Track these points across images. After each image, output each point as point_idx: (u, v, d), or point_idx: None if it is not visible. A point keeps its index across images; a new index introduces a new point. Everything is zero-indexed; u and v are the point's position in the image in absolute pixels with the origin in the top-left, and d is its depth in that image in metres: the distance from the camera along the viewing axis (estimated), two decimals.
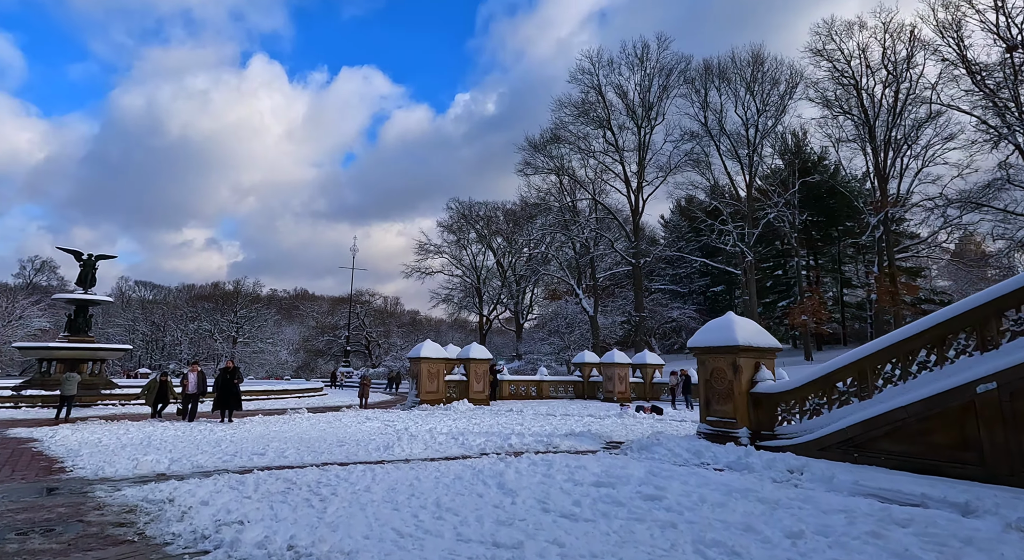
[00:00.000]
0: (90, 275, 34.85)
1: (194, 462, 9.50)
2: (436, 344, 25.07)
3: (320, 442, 12.08)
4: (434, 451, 10.99)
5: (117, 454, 10.22)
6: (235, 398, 16.88)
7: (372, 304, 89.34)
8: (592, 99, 50.14)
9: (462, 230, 71.51)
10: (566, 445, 11.87)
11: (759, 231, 45.89)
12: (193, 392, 17.03)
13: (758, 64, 45.46)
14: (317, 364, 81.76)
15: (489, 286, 73.59)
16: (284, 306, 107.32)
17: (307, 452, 10.64)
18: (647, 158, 49.10)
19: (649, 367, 30.43)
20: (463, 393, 24.74)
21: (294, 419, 17.40)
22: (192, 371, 17.55)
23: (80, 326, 34.09)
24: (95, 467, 8.94)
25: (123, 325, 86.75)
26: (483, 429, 14.86)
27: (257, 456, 10.13)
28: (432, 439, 12.52)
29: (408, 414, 19.87)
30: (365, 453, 10.63)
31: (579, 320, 59.18)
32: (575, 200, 55.53)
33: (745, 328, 12.22)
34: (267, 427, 15.06)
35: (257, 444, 11.65)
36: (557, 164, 52.57)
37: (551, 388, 29.94)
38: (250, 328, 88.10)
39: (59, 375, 27.59)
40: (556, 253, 60.59)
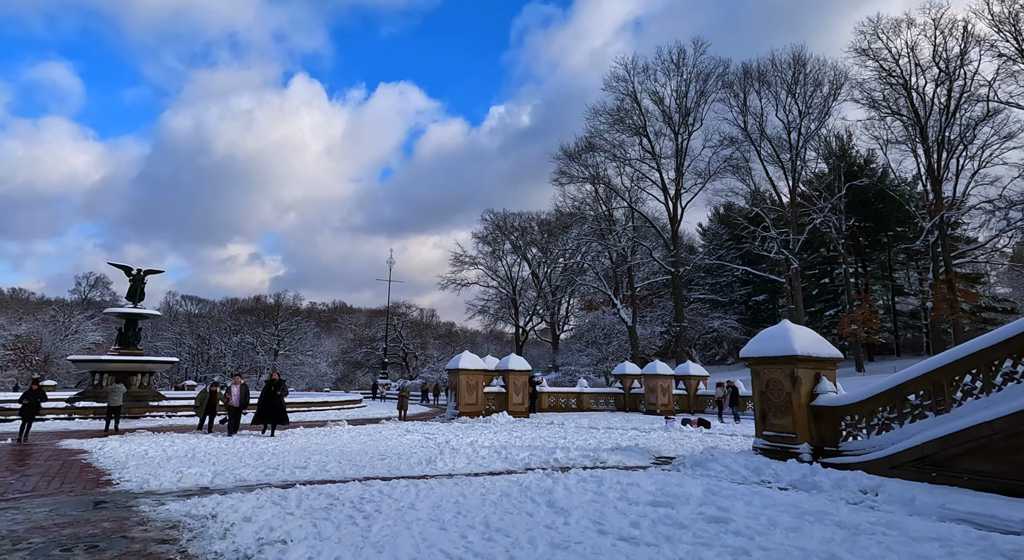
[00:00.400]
0: (139, 289, 36.01)
1: (237, 475, 9.38)
2: (474, 355, 24.81)
3: (361, 455, 11.88)
4: (477, 466, 10.65)
5: (162, 466, 10.21)
6: (279, 411, 16.47)
7: (409, 316, 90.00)
8: (627, 106, 49.64)
9: (497, 241, 71.57)
10: (614, 460, 11.36)
11: (804, 237, 44.33)
12: (236, 405, 16.82)
13: (800, 66, 44.23)
14: (356, 376, 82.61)
15: (524, 297, 73.28)
16: (323, 319, 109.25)
17: (349, 466, 10.43)
18: (685, 164, 48.21)
19: (693, 378, 29.48)
20: (502, 405, 24.36)
21: (335, 431, 17.32)
22: (235, 384, 17.34)
23: (130, 339, 35.18)
24: (140, 480, 8.91)
25: (171, 338, 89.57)
26: (525, 443, 14.45)
27: (299, 469, 9.97)
28: (474, 453, 12.18)
29: (448, 427, 19.60)
30: (407, 467, 10.36)
31: (617, 331, 58.22)
32: (611, 209, 54.88)
33: (803, 337, 11.54)
34: (308, 439, 14.98)
35: (299, 457, 11.52)
36: (592, 172, 52.11)
37: (591, 400, 29.28)
38: (291, 341, 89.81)
39: (109, 387, 28.45)
40: (592, 263, 59.93)
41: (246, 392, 17.21)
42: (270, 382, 17.23)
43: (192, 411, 25.66)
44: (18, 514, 6.87)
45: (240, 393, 16.91)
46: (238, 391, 16.91)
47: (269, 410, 16.37)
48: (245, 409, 17.33)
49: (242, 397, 16.93)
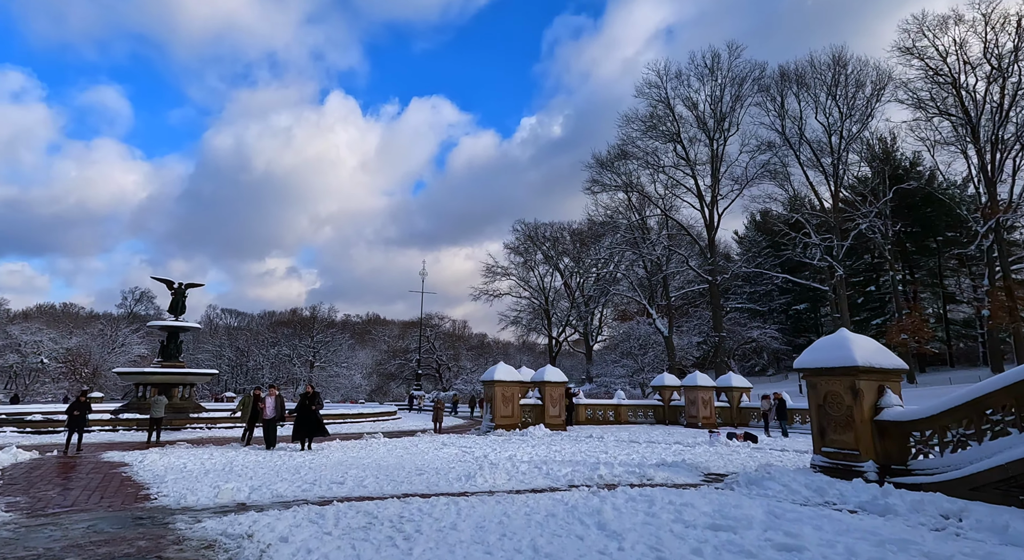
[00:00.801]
0: (180, 303, 36.79)
1: (274, 491, 9.17)
2: (509, 367, 24.41)
3: (398, 470, 11.58)
4: (518, 482, 10.22)
5: (200, 481, 10.09)
6: (317, 424, 15.85)
7: (441, 328, 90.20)
8: (660, 113, 48.93)
9: (529, 251, 71.28)
10: (661, 477, 10.79)
11: (849, 243, 42.71)
12: (271, 416, 16.37)
13: (840, 67, 42.89)
14: (390, 387, 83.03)
15: (557, 307, 72.67)
16: (357, 331, 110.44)
17: (386, 481, 10.13)
18: (721, 171, 47.13)
19: (735, 390, 28.44)
20: (539, 418, 23.86)
21: (370, 444, 17.11)
22: (270, 395, 16.85)
23: (171, 352, 35.90)
24: (178, 495, 8.77)
25: (211, 351, 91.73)
26: (566, 457, 13.95)
27: (336, 485, 9.71)
28: (514, 468, 11.75)
29: (484, 439, 19.21)
30: (446, 483, 10.00)
31: (652, 341, 57.08)
32: (644, 217, 54.04)
33: (863, 346, 10.80)
34: (345, 453, 14.78)
35: (335, 471, 11.28)
36: (625, 180, 51.41)
37: (629, 412, 28.50)
38: (326, 352, 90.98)
39: (152, 399, 29.00)
40: (626, 272, 59.03)
41: (281, 403, 16.79)
42: (305, 395, 16.57)
43: (231, 422, 25.91)
44: (56, 531, 6.75)
45: (275, 404, 16.53)
46: (273, 402, 16.52)
47: (306, 424, 15.82)
48: (282, 421, 17.01)
49: (278, 408, 16.53)
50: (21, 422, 23.32)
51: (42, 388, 67.96)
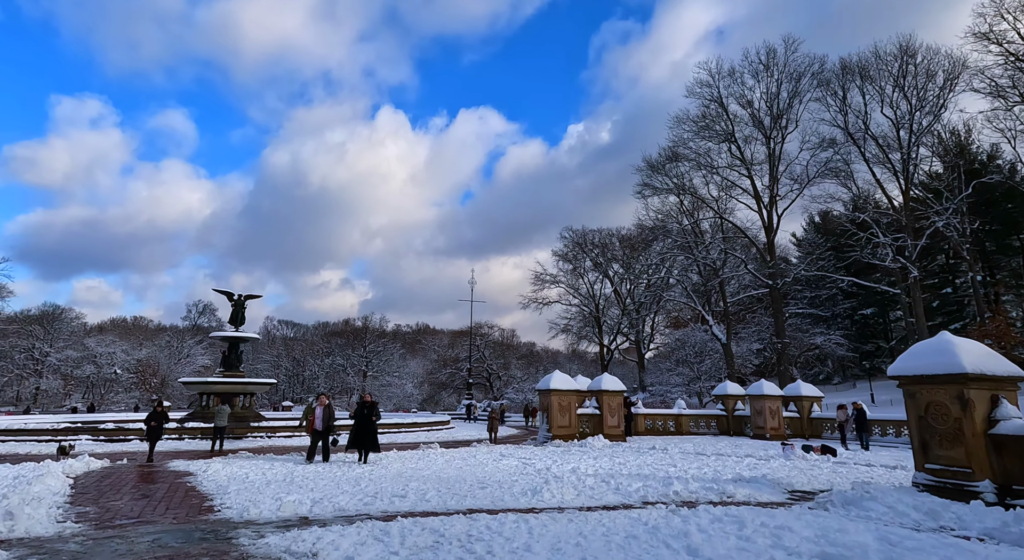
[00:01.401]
0: (240, 314, 37.82)
1: (336, 504, 8.87)
2: (565, 375, 23.77)
3: (460, 483, 11.15)
4: (588, 498, 9.59)
5: (262, 492, 9.92)
6: (372, 438, 14.95)
7: (490, 336, 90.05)
8: (713, 112, 47.37)
9: (578, 258, 70.32)
10: (742, 494, 9.95)
11: (923, 243, 40.01)
12: (320, 428, 15.21)
13: (908, 57, 40.40)
14: (441, 396, 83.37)
15: (608, 315, 71.35)
16: (407, 341, 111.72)
17: (449, 495, 9.70)
18: (779, 170, 45.15)
19: (805, 400, 26.82)
20: (597, 428, 23.07)
21: (428, 455, 16.78)
22: (320, 404, 15.65)
23: (232, 362, 36.87)
24: (241, 507, 8.58)
25: (269, 361, 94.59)
26: (632, 470, 13.21)
27: (398, 498, 9.34)
28: (580, 482, 11.13)
29: (543, 451, 18.62)
30: (512, 498, 9.48)
31: (709, 349, 55.17)
32: (698, 220, 52.36)
33: (972, 351, 9.69)
34: (403, 464, 14.47)
35: (396, 484, 10.95)
36: (677, 183, 49.95)
37: (691, 423, 27.29)
38: (378, 362, 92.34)
39: (215, 408, 29.81)
40: (680, 277, 57.34)
41: (331, 413, 15.59)
42: (363, 404, 15.54)
43: (290, 431, 26.22)
44: (121, 544, 6.60)
45: (325, 415, 15.40)
46: (322, 412, 15.41)
47: (364, 434, 14.97)
48: (332, 432, 15.92)
49: (327, 419, 15.45)
50: (95, 430, 24.23)
51: (115, 397, 71.58)
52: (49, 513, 7.85)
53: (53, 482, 10.21)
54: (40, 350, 70.29)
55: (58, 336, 73.70)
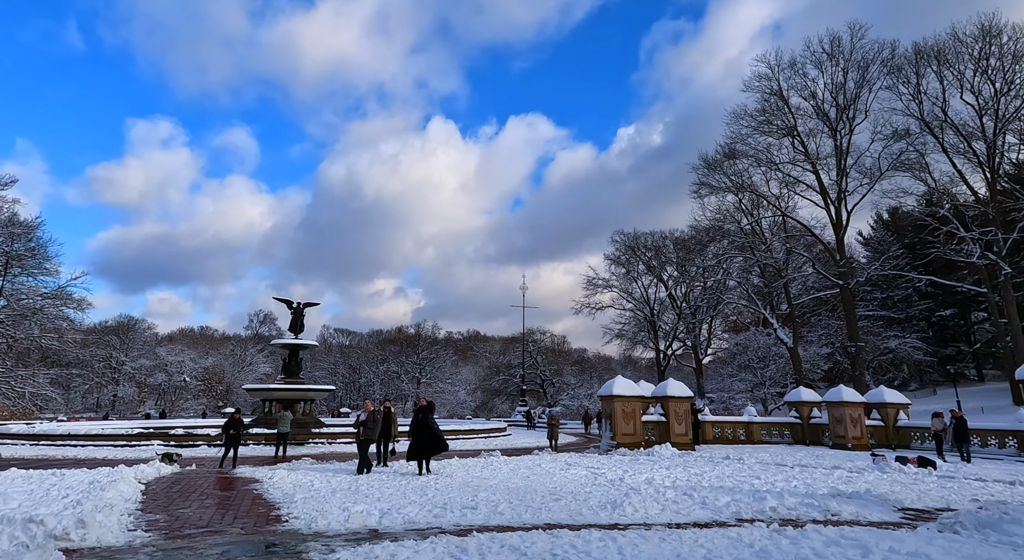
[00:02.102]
0: (299, 321, 38.54)
1: (405, 516, 8.41)
2: (628, 380, 22.83)
3: (531, 493, 10.53)
4: (674, 513, 8.78)
5: (328, 501, 9.59)
6: (436, 440, 13.63)
7: (542, 343, 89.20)
8: (773, 106, 45.29)
9: (630, 262, 68.76)
10: (849, 512, 8.91)
11: (1015, 237, 36.80)
12: (365, 437, 13.94)
13: (992, 37, 37.39)
14: (495, 403, 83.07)
15: (662, 319, 69.40)
16: (459, 347, 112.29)
17: (522, 507, 9.08)
18: (848, 163, 42.64)
19: (890, 407, 24.84)
20: (663, 436, 22.00)
21: (491, 463, 16.23)
22: (365, 410, 14.31)
23: (293, 369, 37.56)
24: (308, 517, 8.23)
25: (326, 368, 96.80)
26: (712, 482, 12.25)
27: (469, 510, 8.79)
28: (660, 495, 10.31)
29: (609, 459, 17.77)
30: (590, 512, 8.78)
31: (773, 353, 52.65)
32: (758, 219, 50.13)
33: None
34: (468, 473, 13.96)
35: (464, 494, 10.43)
36: (736, 181, 47.96)
37: (763, 431, 25.75)
38: (431, 369, 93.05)
39: (278, 414, 30.34)
40: (741, 279, 55.13)
41: (377, 419, 14.42)
42: (419, 409, 14.22)
43: (351, 437, 26.27)
44: (190, 556, 6.30)
45: (369, 420, 14.21)
46: (367, 419, 14.20)
47: (426, 441, 13.57)
48: (391, 439, 15.39)
49: (385, 425, 14.76)
50: (166, 435, 24.93)
51: (185, 404, 74.75)
52: (120, 521, 7.70)
53: (125, 488, 10.20)
54: (116, 359, 74.18)
55: (132, 346, 77.64)
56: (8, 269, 49.11)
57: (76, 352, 62.10)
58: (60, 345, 56.62)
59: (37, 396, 55.04)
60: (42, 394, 55.85)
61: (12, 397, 52.73)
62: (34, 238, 53.22)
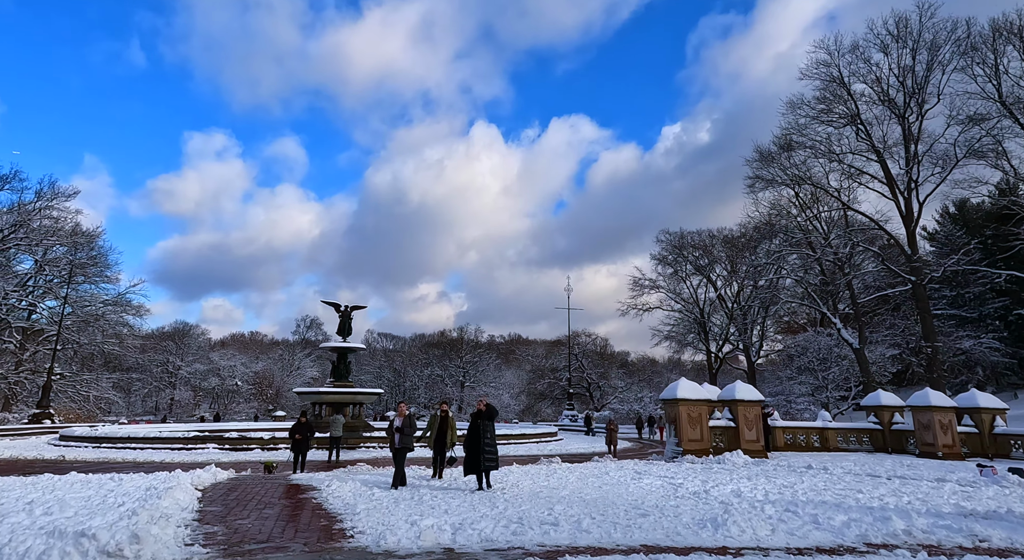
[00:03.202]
0: (347, 325, 38.45)
1: (480, 532, 7.53)
2: (693, 383, 21.49)
3: (610, 506, 9.51)
4: (787, 534, 7.63)
5: (392, 513, 8.82)
6: (490, 454, 11.59)
7: (587, 345, 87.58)
8: (833, 93, 42.88)
9: (677, 262, 66.69)
10: (999, 537, 7.57)
11: None
12: (400, 445, 12.18)
13: None
14: (540, 407, 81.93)
15: (712, 320, 67.04)
16: (501, 351, 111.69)
17: (607, 523, 8.08)
18: (919, 151, 39.87)
19: (984, 412, 22.64)
20: (732, 442, 20.56)
21: (555, 471, 15.24)
22: (399, 415, 12.52)
23: (342, 372, 37.44)
24: (376, 532, 7.45)
25: (371, 372, 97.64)
26: (809, 496, 10.95)
27: (551, 527, 7.85)
28: (757, 510, 9.15)
29: (678, 467, 16.54)
30: (688, 531, 7.72)
31: (835, 354, 49.90)
32: (819, 213, 47.62)
33: None
34: (533, 481, 13.02)
35: (537, 506, 9.50)
36: (793, 174, 45.65)
37: (839, 438, 23.88)
38: (475, 372, 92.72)
39: (328, 417, 30.14)
40: (801, 277, 52.54)
41: (411, 424, 12.56)
42: (478, 414, 11.89)
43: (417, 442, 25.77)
44: None
45: (405, 426, 12.37)
46: (401, 423, 12.33)
47: (483, 453, 11.47)
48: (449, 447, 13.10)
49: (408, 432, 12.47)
50: (221, 439, 24.91)
51: (237, 407, 76.45)
52: (176, 534, 7.09)
53: (182, 496, 9.69)
54: (173, 364, 76.51)
55: (187, 351, 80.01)
56: (72, 277, 51.06)
57: (136, 357, 64.24)
58: (121, 350, 58.66)
59: (101, 399, 57.09)
60: (105, 397, 57.93)
61: (78, 400, 54.81)
62: (96, 247, 55.41)
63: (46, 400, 47.19)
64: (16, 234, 47.48)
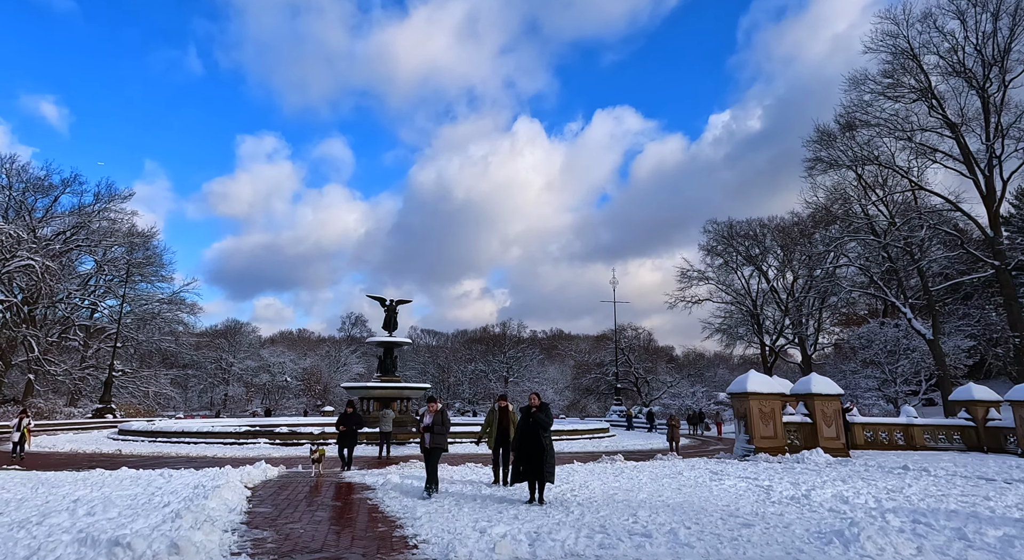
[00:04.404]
0: (393, 319, 38.08)
1: (561, 543, 6.48)
2: (764, 376, 19.93)
3: (702, 514, 8.32)
4: (938, 554, 6.25)
5: (457, 518, 7.88)
6: (546, 459, 9.34)
7: (634, 340, 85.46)
8: (902, 66, 39.89)
9: (727, 252, 64.06)
10: None
11: None
12: (431, 445, 10.20)
13: None
14: (586, 402, 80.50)
15: (765, 313, 64.17)
16: (544, 346, 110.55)
17: (708, 535, 6.91)
18: (1003, 125, 36.63)
19: None
20: (809, 439, 18.93)
21: (621, 470, 14.07)
22: (429, 411, 10.53)
23: (388, 367, 37.09)
24: (441, 541, 6.51)
25: (416, 368, 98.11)
26: (928, 503, 9.46)
27: (641, 538, 6.72)
28: (880, 521, 7.80)
29: (756, 467, 15.12)
30: (810, 546, 6.46)
31: (904, 346, 46.85)
32: (884, 196, 44.56)
33: None
34: (601, 481, 11.89)
35: (618, 511, 8.40)
36: (857, 154, 42.79)
37: (926, 435, 21.81)
38: (518, 368, 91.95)
39: (376, 412, 29.73)
40: (863, 265, 49.50)
41: (445, 423, 10.52)
42: (530, 409, 9.83)
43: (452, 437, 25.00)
44: None
45: (436, 423, 10.36)
46: (432, 421, 10.34)
47: (538, 457, 9.28)
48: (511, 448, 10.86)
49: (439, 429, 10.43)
50: (271, 434, 24.71)
51: (287, 403, 77.91)
52: (222, 542, 6.30)
53: (230, 495, 9.01)
54: (226, 361, 78.48)
55: (239, 348, 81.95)
56: (129, 277, 52.62)
57: (191, 354, 66.04)
58: (176, 347, 60.37)
59: (159, 395, 58.89)
60: (164, 393, 59.72)
61: (138, 396, 56.64)
62: (151, 247, 57.03)
63: (108, 395, 48.82)
64: (78, 236, 49.14)
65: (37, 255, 40.63)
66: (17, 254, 39.86)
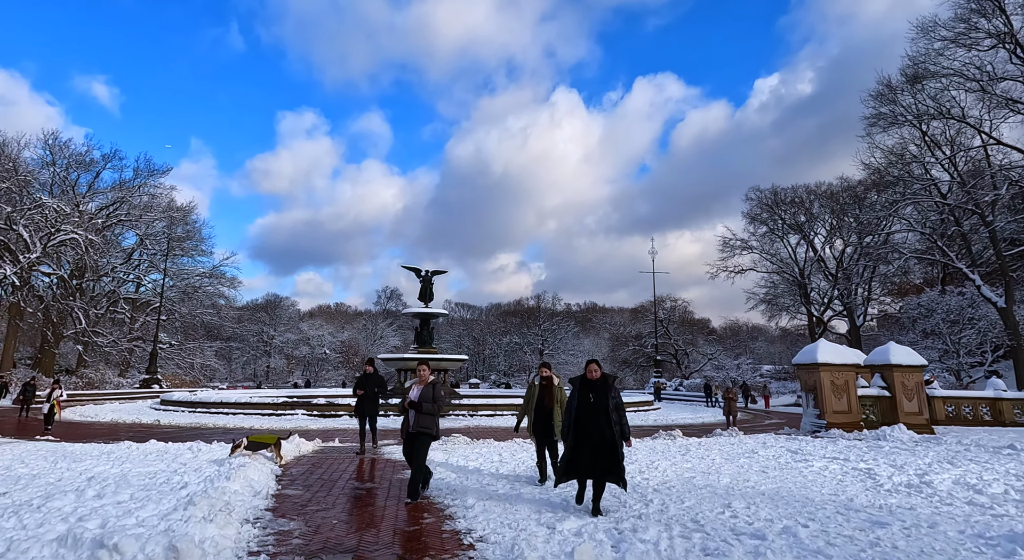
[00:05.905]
0: (428, 290, 37.15)
1: (656, 545, 5.16)
2: (834, 345, 18.16)
3: (809, 505, 6.90)
4: None
5: (516, 508, 6.64)
6: (614, 454, 6.47)
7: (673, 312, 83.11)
8: (978, 7, 36.14)
9: (772, 220, 60.92)
10: None
11: None
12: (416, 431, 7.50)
13: None
14: (623, 375, 79.07)
15: (812, 282, 61.13)
16: (579, 319, 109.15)
17: (836, 536, 5.49)
18: None
19: None
20: (887, 414, 17.17)
21: (687, 448, 12.66)
22: (420, 382, 7.80)
23: (425, 338, 36.33)
24: (503, 540, 5.26)
25: (451, 340, 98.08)
26: None
27: (754, 541, 5.34)
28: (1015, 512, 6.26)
29: (836, 445, 13.52)
30: (981, 556, 5.01)
31: (967, 315, 43.89)
32: (954, 153, 41.04)
33: None
34: (671, 462, 10.50)
35: (707, 501, 7.04)
36: (924, 108, 39.34)
37: (1015, 409, 19.78)
38: (553, 340, 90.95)
39: None
40: (929, 232, 46.16)
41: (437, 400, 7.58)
42: (590, 382, 6.72)
43: (492, 409, 24.04)
44: None
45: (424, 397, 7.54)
46: (419, 395, 7.54)
47: (602, 449, 6.48)
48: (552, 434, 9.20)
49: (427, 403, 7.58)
50: (309, 405, 24.22)
51: (326, 374, 78.88)
52: (239, 537, 5.20)
53: (256, 475, 7.98)
54: (267, 334, 79.59)
55: (279, 321, 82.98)
56: (170, 251, 53.08)
57: (233, 327, 66.91)
58: (219, 320, 61.11)
59: (205, 366, 60.02)
60: (208, 365, 60.85)
61: (183, 367, 57.79)
62: (190, 222, 57.37)
63: (154, 366, 49.76)
64: (120, 210, 49.51)
65: (81, 229, 40.95)
66: (62, 228, 40.24)
